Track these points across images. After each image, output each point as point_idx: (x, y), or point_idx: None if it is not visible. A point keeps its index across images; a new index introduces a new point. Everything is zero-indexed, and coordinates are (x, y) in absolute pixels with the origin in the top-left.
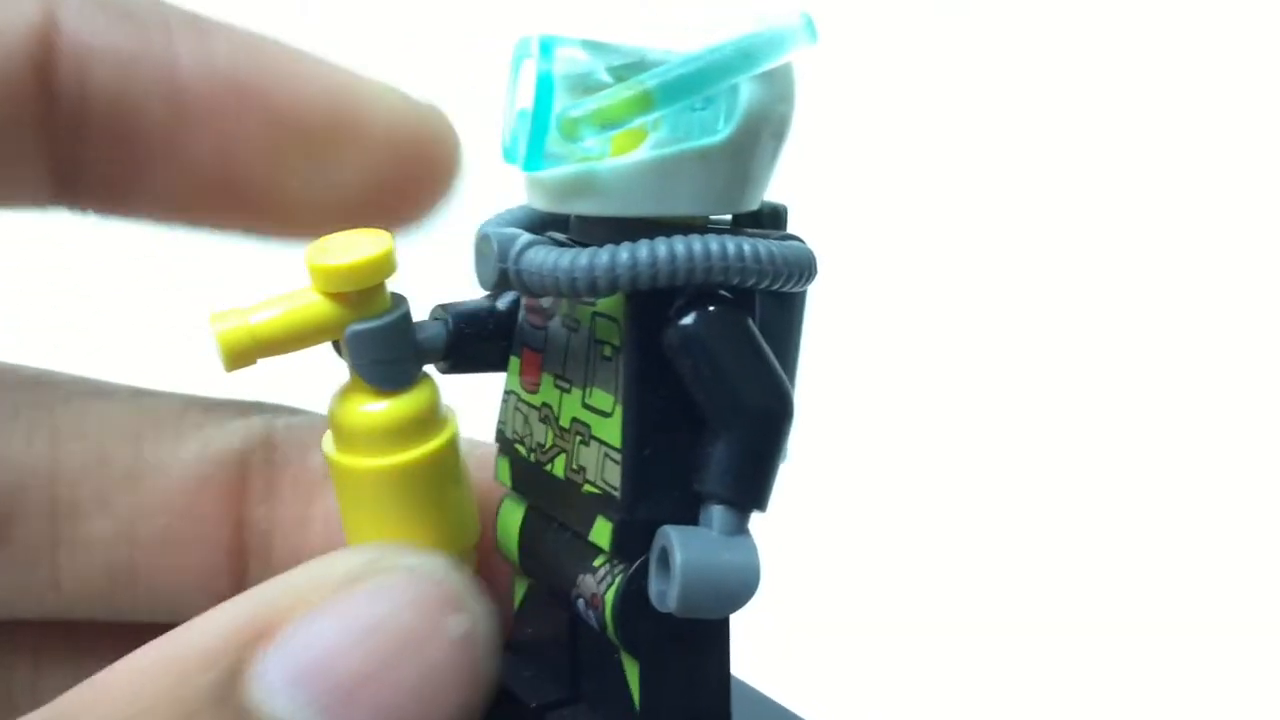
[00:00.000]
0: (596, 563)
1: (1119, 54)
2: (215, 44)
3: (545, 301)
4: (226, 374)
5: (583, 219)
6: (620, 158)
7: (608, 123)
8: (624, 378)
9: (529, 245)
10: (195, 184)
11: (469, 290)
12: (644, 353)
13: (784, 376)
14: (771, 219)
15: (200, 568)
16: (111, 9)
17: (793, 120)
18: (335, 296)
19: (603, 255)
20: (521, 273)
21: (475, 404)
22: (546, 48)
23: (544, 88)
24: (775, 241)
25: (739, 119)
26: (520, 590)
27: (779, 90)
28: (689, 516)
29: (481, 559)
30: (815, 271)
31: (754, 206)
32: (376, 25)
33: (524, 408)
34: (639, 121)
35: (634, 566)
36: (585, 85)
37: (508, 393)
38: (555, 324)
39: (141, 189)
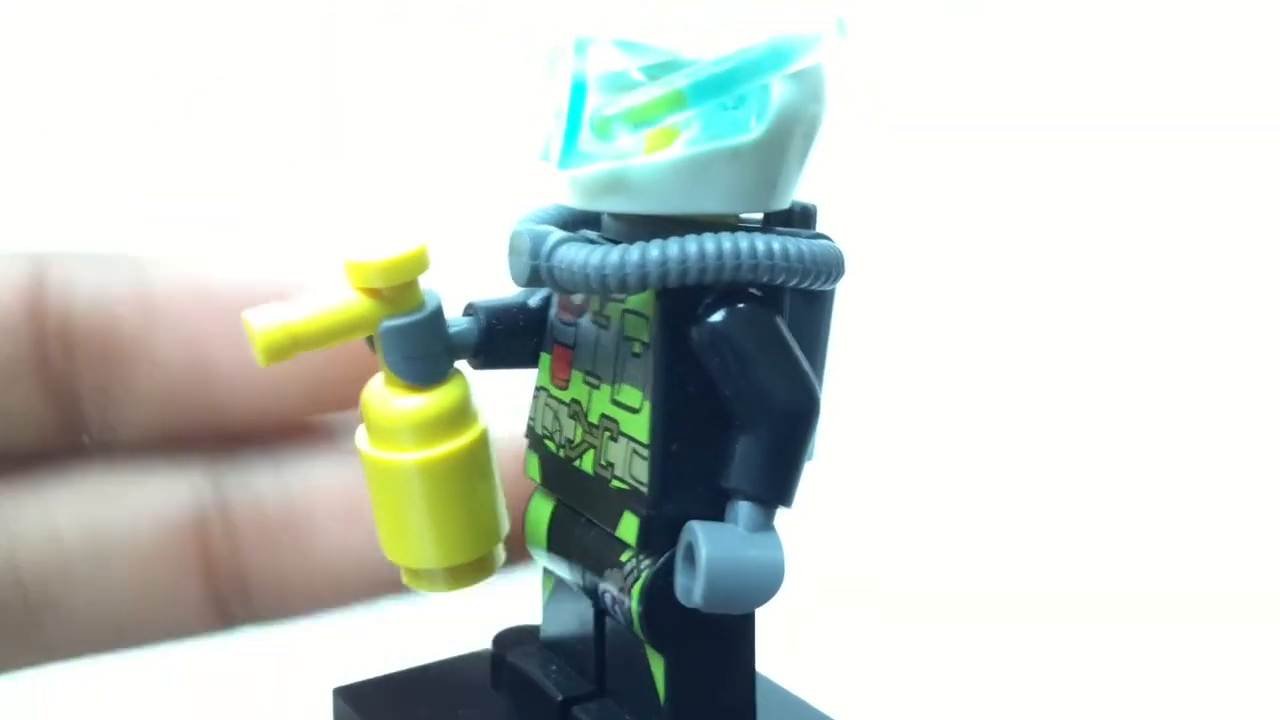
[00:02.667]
0: (623, 558)
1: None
2: (177, 263)
3: (577, 298)
4: (264, 366)
5: (615, 217)
6: (653, 156)
7: (641, 121)
8: (653, 374)
9: (560, 242)
10: (170, 380)
11: (500, 287)
12: (673, 350)
13: (811, 374)
14: (802, 218)
15: (184, 616)
16: (88, 256)
17: (824, 120)
18: (370, 293)
19: (633, 253)
20: (553, 269)
21: (503, 399)
22: (581, 47)
23: (578, 87)
24: (805, 240)
25: (771, 118)
26: (548, 585)
27: (810, 89)
28: (715, 513)
29: (513, 554)
30: (843, 270)
31: (785, 205)
32: (411, 26)
33: (554, 404)
34: (671, 120)
35: (660, 562)
36: (619, 85)
37: (538, 389)
38: (586, 321)
39: (126, 399)
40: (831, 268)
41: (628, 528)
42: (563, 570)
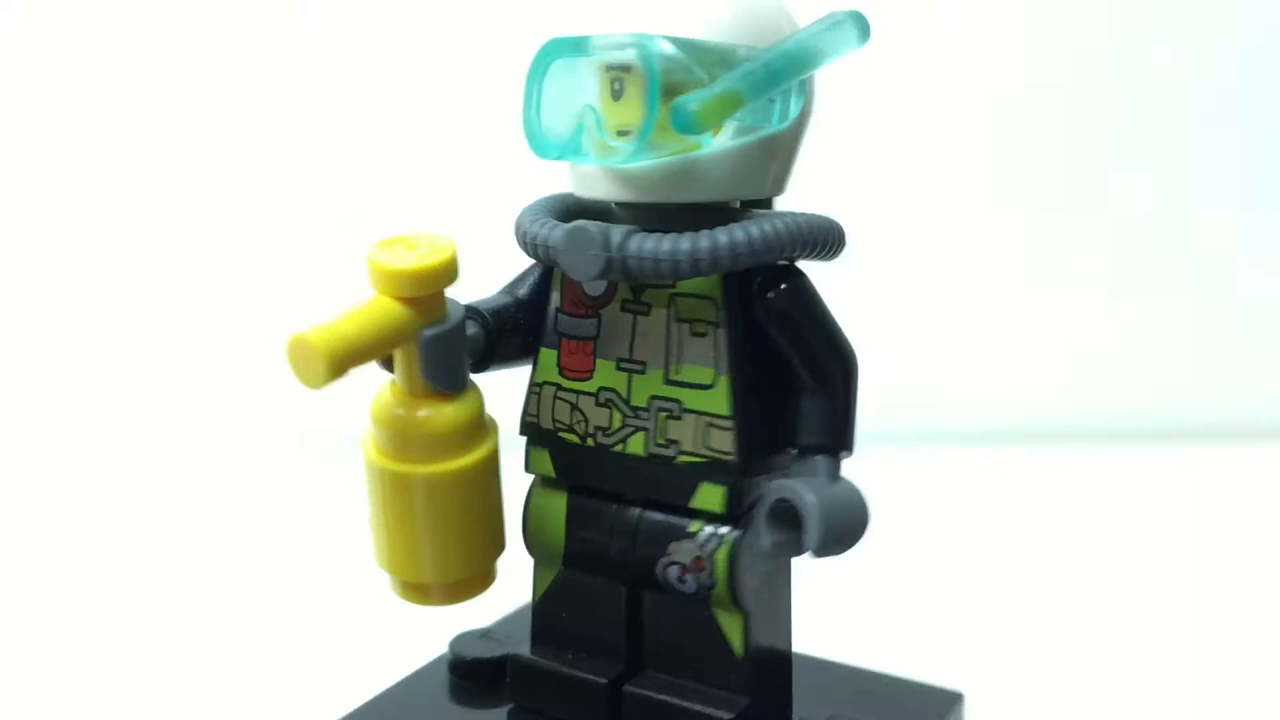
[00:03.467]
0: (692, 529)
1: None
2: None
3: (593, 291)
4: (315, 389)
5: (625, 206)
6: (710, 147)
7: (722, 113)
8: (727, 350)
9: (629, 235)
10: None
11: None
12: (742, 326)
13: (845, 335)
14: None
15: None
16: None
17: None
18: (409, 301)
19: (703, 240)
20: (626, 260)
21: None
22: (644, 45)
23: (652, 84)
24: (812, 216)
25: (800, 108)
26: (545, 581)
27: (812, 81)
28: (773, 472)
29: None
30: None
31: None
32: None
33: (569, 396)
34: (739, 111)
35: (742, 524)
36: (688, 80)
37: (541, 384)
38: (612, 311)
39: None
40: (840, 235)
41: (709, 498)
42: (591, 557)
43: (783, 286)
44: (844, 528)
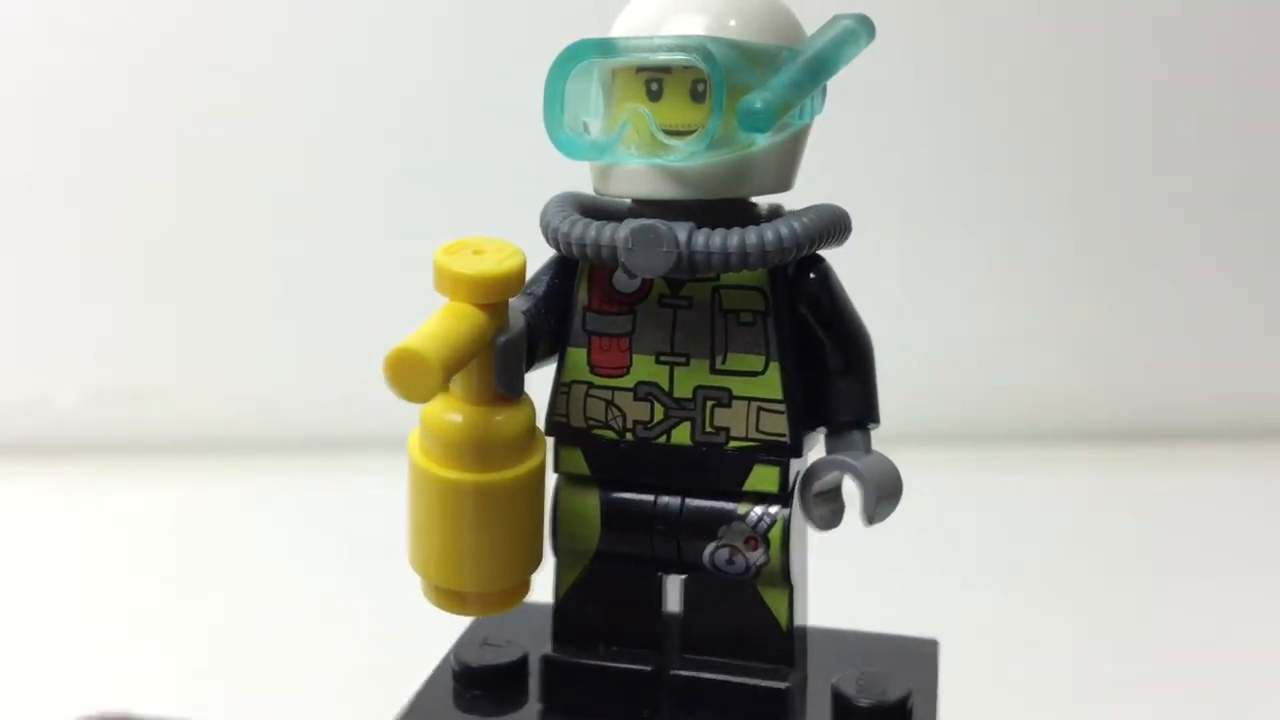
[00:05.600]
0: (742, 510)
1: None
2: None
3: (627, 288)
4: (421, 401)
5: (646, 203)
6: (760, 144)
7: (784, 109)
8: (776, 337)
9: (693, 231)
10: None
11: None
12: (787, 313)
13: None
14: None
15: None
16: None
17: None
18: (485, 307)
19: (768, 233)
20: (694, 255)
21: None
22: (706, 51)
23: (718, 85)
24: (824, 207)
25: (822, 104)
26: (569, 579)
27: None
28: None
29: None
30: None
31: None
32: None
33: (603, 393)
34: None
35: (791, 502)
36: (745, 78)
37: (568, 384)
38: (648, 306)
39: None
40: (849, 223)
41: (764, 479)
42: (627, 550)
43: (813, 274)
44: (892, 497)
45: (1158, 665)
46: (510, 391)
